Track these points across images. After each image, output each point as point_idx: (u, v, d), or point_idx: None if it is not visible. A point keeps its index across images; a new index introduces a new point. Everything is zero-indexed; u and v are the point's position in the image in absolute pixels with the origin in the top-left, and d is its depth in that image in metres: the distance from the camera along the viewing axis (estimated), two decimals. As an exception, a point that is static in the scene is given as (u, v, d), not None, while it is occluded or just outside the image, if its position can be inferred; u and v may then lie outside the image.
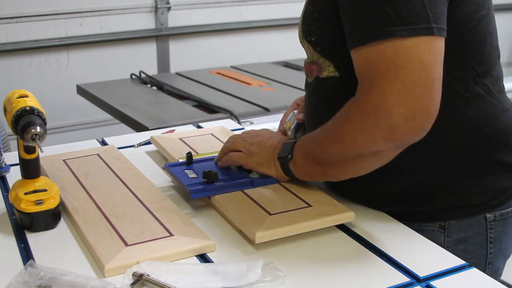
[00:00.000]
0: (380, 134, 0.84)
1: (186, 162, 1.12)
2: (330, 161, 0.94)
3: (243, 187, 1.04)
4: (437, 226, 1.00)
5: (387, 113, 0.82)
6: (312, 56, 1.01)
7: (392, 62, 0.81)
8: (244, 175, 1.07)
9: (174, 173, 1.08)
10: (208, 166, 1.10)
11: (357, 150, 0.89)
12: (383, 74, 0.82)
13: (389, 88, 0.81)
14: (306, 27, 0.98)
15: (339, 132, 0.89)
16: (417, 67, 0.80)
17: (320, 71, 1.00)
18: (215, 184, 1.03)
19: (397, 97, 0.81)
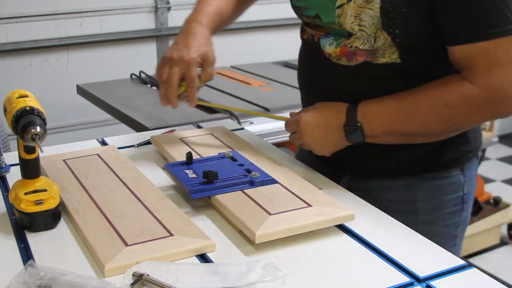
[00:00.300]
0: (497, 112, 1.06)
1: (186, 162, 1.11)
2: (425, 134, 1.10)
3: (243, 187, 1.04)
4: (459, 170, 1.21)
5: (506, 95, 1.02)
6: (380, 45, 1.08)
7: (508, 54, 1.01)
8: (244, 175, 1.06)
9: (174, 173, 1.08)
10: (208, 166, 1.10)
11: (465, 127, 1.12)
12: (503, 63, 1.01)
13: (507, 75, 1.02)
14: (390, 20, 1.04)
15: (451, 113, 1.04)
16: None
17: (374, 57, 1.10)
18: (215, 183, 1.03)
19: (510, 81, 1.02)
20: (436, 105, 1.04)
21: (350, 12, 1.06)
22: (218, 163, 1.13)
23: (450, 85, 1.04)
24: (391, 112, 1.07)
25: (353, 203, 1.05)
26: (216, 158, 1.15)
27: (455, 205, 1.22)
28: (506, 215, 2.92)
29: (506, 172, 3.81)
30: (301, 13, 1.19)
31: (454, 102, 1.03)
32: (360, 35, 1.08)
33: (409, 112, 1.06)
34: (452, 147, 1.18)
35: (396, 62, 1.08)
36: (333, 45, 1.13)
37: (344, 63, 1.13)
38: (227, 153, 1.16)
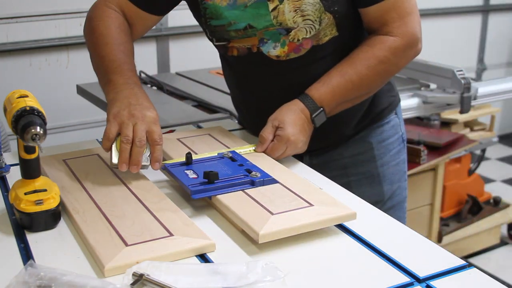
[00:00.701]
0: (413, 53, 1.25)
1: (186, 162, 1.11)
2: (369, 92, 1.28)
3: (244, 187, 1.04)
4: (394, 114, 1.42)
5: (418, 38, 1.24)
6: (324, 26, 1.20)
7: (410, 4, 1.22)
8: (244, 175, 1.07)
9: (175, 173, 1.08)
10: (208, 166, 1.10)
11: (396, 73, 1.29)
12: (409, 12, 1.21)
13: (416, 21, 1.23)
14: (328, 1, 1.18)
15: (386, 66, 1.23)
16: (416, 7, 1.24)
17: (318, 39, 1.22)
18: (216, 184, 1.03)
19: (419, 25, 1.24)
20: (374, 65, 1.21)
21: (287, 8, 1.18)
22: (217, 163, 1.13)
23: (377, 43, 1.21)
24: (341, 88, 1.21)
25: (353, 203, 1.05)
26: (215, 158, 1.15)
27: (399, 144, 1.42)
28: (506, 215, 2.92)
29: (506, 172, 3.81)
30: (224, 30, 1.23)
31: (386, 56, 1.21)
32: (303, 25, 1.19)
33: (355, 81, 1.21)
34: (385, 97, 1.38)
35: (335, 36, 1.23)
36: (278, 47, 1.23)
37: (293, 56, 1.24)
38: (227, 153, 1.16)
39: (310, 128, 1.22)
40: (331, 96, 1.21)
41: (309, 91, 1.22)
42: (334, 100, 1.22)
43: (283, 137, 1.18)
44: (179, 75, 2.57)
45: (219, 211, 1.02)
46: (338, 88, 1.21)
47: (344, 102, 1.24)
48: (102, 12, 1.34)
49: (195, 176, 1.06)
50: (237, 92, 1.42)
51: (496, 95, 2.49)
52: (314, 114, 1.21)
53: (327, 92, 1.21)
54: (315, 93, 1.21)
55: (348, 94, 1.23)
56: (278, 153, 1.19)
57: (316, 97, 1.21)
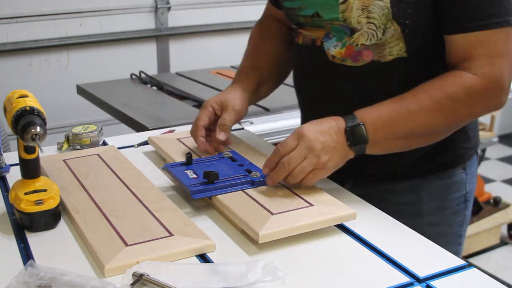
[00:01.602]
0: (494, 103, 1.05)
1: (186, 162, 1.11)
2: (429, 133, 1.06)
3: (244, 187, 1.04)
4: (461, 168, 1.21)
5: (503, 86, 1.04)
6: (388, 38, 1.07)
7: (507, 46, 1.03)
8: (244, 175, 1.06)
9: (175, 173, 1.08)
10: (208, 166, 1.10)
11: (466, 120, 1.10)
12: (502, 54, 1.02)
13: (506, 67, 1.03)
14: (400, 10, 1.04)
15: (454, 105, 1.02)
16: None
17: (380, 55, 1.09)
18: (216, 184, 1.03)
19: (509, 74, 1.04)
20: (438, 98, 1.02)
21: (356, 5, 1.05)
22: (217, 163, 1.12)
23: (450, 77, 1.03)
24: (392, 112, 1.02)
25: (353, 203, 1.05)
26: (215, 158, 1.15)
27: (458, 204, 1.22)
28: (506, 215, 2.92)
29: (506, 172, 3.81)
30: (295, 14, 1.16)
31: (456, 92, 1.02)
32: (366, 29, 1.07)
33: (411, 109, 1.02)
34: (454, 145, 1.18)
35: (403, 56, 1.08)
36: (338, 46, 1.12)
37: (349, 64, 1.11)
38: (227, 153, 1.16)
39: (339, 141, 1.01)
40: (377, 116, 1.02)
41: (356, 111, 1.04)
42: (381, 124, 1.02)
43: (295, 131, 1.01)
44: (179, 75, 2.57)
45: (219, 211, 1.02)
46: (389, 112, 1.02)
47: (397, 136, 1.03)
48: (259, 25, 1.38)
49: (195, 176, 1.06)
50: (296, 80, 1.28)
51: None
52: (348, 123, 1.01)
53: (374, 113, 1.02)
54: (359, 111, 1.03)
55: (401, 124, 1.02)
56: (287, 147, 0.99)
57: (360, 114, 1.03)
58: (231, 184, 1.03)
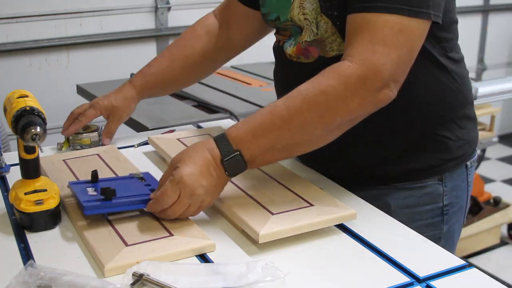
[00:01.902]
0: (370, 98, 0.93)
1: (91, 180, 1.04)
2: (307, 139, 0.95)
3: (142, 206, 0.97)
4: (436, 179, 1.13)
5: (383, 78, 0.92)
6: (323, 32, 1.05)
7: (396, 37, 0.92)
8: (146, 193, 1.00)
9: (75, 190, 1.01)
10: (112, 185, 1.00)
11: (345, 117, 0.94)
12: (387, 44, 0.92)
13: (390, 57, 0.92)
14: (327, 1, 1.02)
15: (328, 101, 0.92)
16: (409, 48, 0.95)
17: (324, 51, 1.07)
18: (112, 201, 0.96)
19: (392, 66, 0.92)
20: (311, 96, 0.92)
21: (296, 3, 1.07)
22: (124, 182, 1.06)
23: (327, 69, 0.94)
24: (265, 126, 0.93)
25: (353, 203, 1.05)
26: (124, 178, 1.09)
27: (432, 217, 1.14)
28: (506, 215, 2.92)
29: (506, 172, 3.81)
30: (266, 20, 1.18)
31: (330, 86, 0.92)
32: (306, 25, 1.06)
33: (284, 117, 0.92)
34: (426, 155, 1.10)
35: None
36: (292, 45, 1.12)
37: (303, 61, 1.11)
38: (137, 174, 1.10)
39: (219, 175, 0.94)
40: (251, 136, 0.93)
41: (228, 129, 0.96)
42: (255, 143, 0.93)
43: (175, 177, 0.92)
44: (179, 75, 2.57)
45: (219, 211, 1.02)
46: (262, 126, 0.93)
47: (274, 149, 0.95)
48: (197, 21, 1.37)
49: (94, 193, 0.99)
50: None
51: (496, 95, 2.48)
52: (226, 158, 0.93)
53: (248, 131, 0.94)
54: (232, 131, 0.95)
55: (277, 135, 0.93)
56: (169, 199, 0.92)
57: (233, 136, 0.94)
58: (128, 201, 0.97)
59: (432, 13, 0.95)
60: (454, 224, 1.18)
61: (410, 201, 1.13)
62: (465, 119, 1.15)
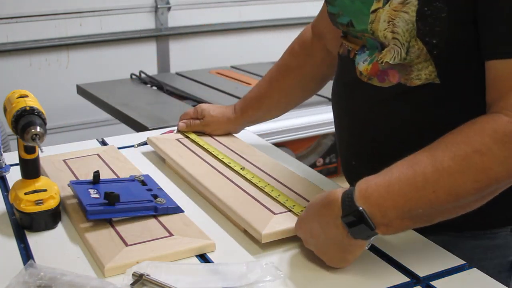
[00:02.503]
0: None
1: (92, 181, 1.04)
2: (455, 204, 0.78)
3: (145, 213, 0.97)
4: (509, 230, 0.99)
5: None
6: (413, 58, 0.89)
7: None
8: (149, 200, 1.00)
9: (77, 191, 1.00)
10: (114, 187, 1.01)
11: (503, 180, 0.78)
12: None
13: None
14: (427, 26, 0.86)
15: (484, 161, 0.76)
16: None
17: (407, 78, 0.91)
18: (116, 206, 0.96)
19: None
20: (463, 155, 0.76)
21: (383, 17, 0.89)
22: (126, 185, 1.05)
23: (479, 123, 0.79)
24: (403, 182, 0.77)
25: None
26: (126, 180, 1.09)
27: (500, 272, 1.00)
28: (506, 215, 2.91)
29: (506, 172, 3.80)
30: (335, 21, 1.02)
31: (485, 145, 0.76)
32: (393, 45, 0.90)
33: (428, 174, 0.76)
34: (502, 203, 0.87)
35: (435, 82, 0.89)
36: (367, 61, 0.96)
37: (375, 83, 0.95)
38: (139, 176, 1.10)
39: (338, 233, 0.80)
40: (384, 192, 0.77)
41: (358, 182, 0.80)
42: (389, 201, 0.77)
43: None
44: (179, 75, 2.57)
45: (220, 210, 1.02)
46: (399, 182, 0.77)
47: (410, 215, 0.78)
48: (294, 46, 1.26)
49: (97, 196, 0.98)
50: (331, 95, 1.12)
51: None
52: (345, 214, 0.78)
53: (379, 185, 0.78)
54: (362, 183, 0.79)
55: (417, 196, 0.76)
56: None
57: (361, 188, 0.78)
58: (131, 208, 0.96)
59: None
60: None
61: (477, 252, 0.99)
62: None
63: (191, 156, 1.19)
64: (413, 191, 0.77)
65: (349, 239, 0.80)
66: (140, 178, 1.09)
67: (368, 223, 0.77)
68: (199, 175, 1.09)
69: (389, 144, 0.97)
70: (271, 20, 3.31)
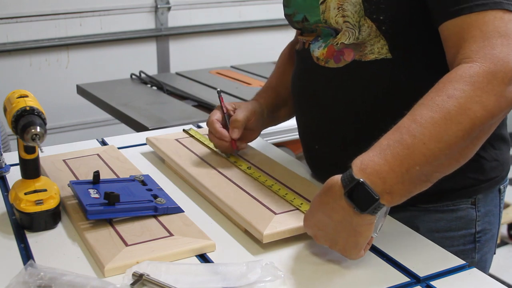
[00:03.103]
0: (506, 93, 0.81)
1: (93, 181, 1.04)
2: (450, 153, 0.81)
3: (145, 213, 0.97)
4: (469, 203, 1.05)
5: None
6: (365, 36, 0.96)
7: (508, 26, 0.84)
8: (149, 200, 1.00)
9: (77, 191, 1.00)
10: (114, 187, 1.01)
11: (485, 120, 0.81)
12: (502, 34, 0.83)
13: (510, 48, 0.82)
14: (373, 4, 0.94)
15: (461, 104, 0.80)
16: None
17: (362, 54, 0.98)
18: (116, 206, 0.96)
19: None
20: (440, 102, 0.80)
21: (333, 5, 0.98)
22: (126, 185, 1.06)
23: (445, 77, 0.84)
24: (395, 146, 0.80)
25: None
26: (126, 180, 1.09)
27: (464, 244, 1.06)
28: (506, 215, 2.92)
29: (506, 172, 3.81)
30: (292, 21, 1.11)
31: (457, 89, 0.81)
32: (346, 28, 0.98)
33: (414, 131, 0.80)
34: (460, 174, 0.92)
35: (387, 57, 0.96)
36: (322, 47, 1.04)
37: (332, 65, 1.02)
38: (139, 176, 1.10)
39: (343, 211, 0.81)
40: (379, 159, 0.80)
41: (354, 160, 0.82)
42: (386, 164, 0.79)
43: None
44: (179, 75, 2.57)
45: (220, 210, 1.02)
46: (389, 147, 0.80)
47: (411, 172, 0.79)
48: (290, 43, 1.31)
49: (97, 196, 0.99)
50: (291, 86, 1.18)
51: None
52: (346, 188, 0.80)
53: (374, 156, 0.80)
54: (356, 160, 0.82)
55: (409, 153, 0.79)
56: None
57: (356, 163, 0.81)
58: (132, 208, 0.97)
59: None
60: (486, 254, 1.10)
61: (441, 224, 1.04)
62: (500, 140, 1.07)
63: (190, 156, 1.19)
64: (405, 150, 0.79)
65: (357, 217, 0.80)
66: (140, 178, 1.09)
67: (370, 192, 0.79)
68: (198, 175, 1.10)
69: (347, 122, 1.03)
70: (271, 20, 3.31)
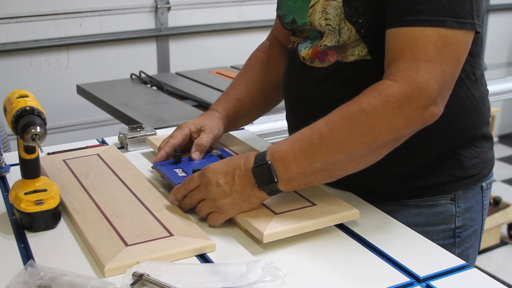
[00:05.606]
0: (415, 116, 0.89)
1: (175, 161, 1.11)
2: (348, 159, 0.91)
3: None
4: (449, 198, 1.08)
5: (429, 95, 0.89)
6: (345, 39, 1.00)
7: (440, 51, 0.89)
8: None
9: (164, 171, 1.07)
10: (196, 165, 1.10)
11: (389, 138, 0.91)
12: (431, 60, 0.89)
13: (434, 74, 0.89)
14: (352, 8, 0.98)
15: (369, 118, 0.89)
16: (455, 62, 0.91)
17: (343, 55, 1.03)
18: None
19: (437, 82, 0.89)
20: (351, 114, 0.90)
21: (318, 8, 1.02)
22: (206, 161, 1.11)
23: (369, 89, 0.92)
24: (304, 141, 0.92)
25: (353, 203, 1.05)
26: (205, 157, 1.14)
27: (443, 239, 1.10)
28: (506, 215, 2.92)
29: (506, 172, 3.81)
30: (282, 21, 1.14)
31: (370, 104, 0.89)
32: (328, 31, 1.01)
33: (323, 133, 0.91)
34: (438, 171, 1.06)
35: (366, 59, 1.01)
36: (308, 47, 1.08)
37: (317, 65, 1.07)
38: (216, 151, 1.16)
39: (243, 184, 0.93)
40: (287, 150, 0.92)
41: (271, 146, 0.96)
42: (292, 157, 0.91)
43: (203, 169, 0.97)
44: (179, 75, 2.57)
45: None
46: (299, 141, 0.92)
47: (310, 169, 0.91)
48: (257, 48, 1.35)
49: (184, 174, 1.05)
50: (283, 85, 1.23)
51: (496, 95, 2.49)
52: (257, 165, 0.93)
53: (284, 145, 0.93)
54: (273, 145, 0.95)
55: (314, 153, 0.91)
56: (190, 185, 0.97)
57: (271, 148, 0.94)
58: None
59: (476, 23, 0.91)
60: (467, 249, 1.13)
61: (420, 219, 1.08)
62: (481, 138, 1.11)
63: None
64: (310, 147, 0.91)
65: (255, 190, 0.93)
66: (218, 153, 1.15)
67: (272, 175, 0.92)
68: (199, 175, 1.09)
69: None
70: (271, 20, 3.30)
